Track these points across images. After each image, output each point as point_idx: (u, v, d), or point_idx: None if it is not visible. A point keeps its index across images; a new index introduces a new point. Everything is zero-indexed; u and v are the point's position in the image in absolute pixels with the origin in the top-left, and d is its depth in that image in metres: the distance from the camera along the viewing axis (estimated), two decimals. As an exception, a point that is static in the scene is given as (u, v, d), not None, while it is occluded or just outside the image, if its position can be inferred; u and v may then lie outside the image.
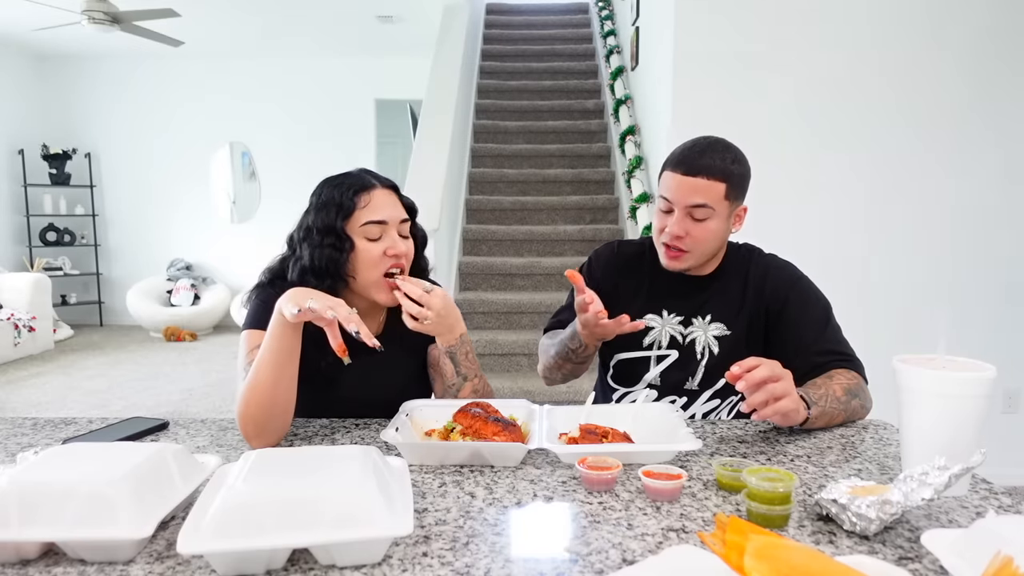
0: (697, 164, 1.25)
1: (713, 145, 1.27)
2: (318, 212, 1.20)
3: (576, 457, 0.93)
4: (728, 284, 1.37)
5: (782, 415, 1.04)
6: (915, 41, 2.75)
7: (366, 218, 1.18)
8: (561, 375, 1.43)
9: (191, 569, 0.69)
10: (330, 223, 1.17)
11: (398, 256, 1.19)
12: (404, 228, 1.23)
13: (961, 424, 0.84)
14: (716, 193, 1.25)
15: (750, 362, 1.03)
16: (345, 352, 1.03)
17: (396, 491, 0.76)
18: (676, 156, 1.28)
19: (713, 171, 1.24)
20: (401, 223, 1.22)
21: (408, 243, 1.23)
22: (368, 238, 1.18)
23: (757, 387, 1.02)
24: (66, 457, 0.79)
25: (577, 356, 1.34)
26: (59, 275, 6.52)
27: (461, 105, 4.16)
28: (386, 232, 1.19)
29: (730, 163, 1.26)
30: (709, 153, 1.25)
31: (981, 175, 2.81)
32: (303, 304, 1.01)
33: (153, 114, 6.87)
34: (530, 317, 3.58)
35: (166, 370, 4.99)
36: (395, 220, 1.20)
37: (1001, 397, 2.91)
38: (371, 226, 1.18)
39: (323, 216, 1.18)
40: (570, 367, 1.38)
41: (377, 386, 1.25)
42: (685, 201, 1.25)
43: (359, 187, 1.20)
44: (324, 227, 1.18)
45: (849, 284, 2.81)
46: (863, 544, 0.74)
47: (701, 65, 2.80)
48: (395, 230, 1.21)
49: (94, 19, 4.37)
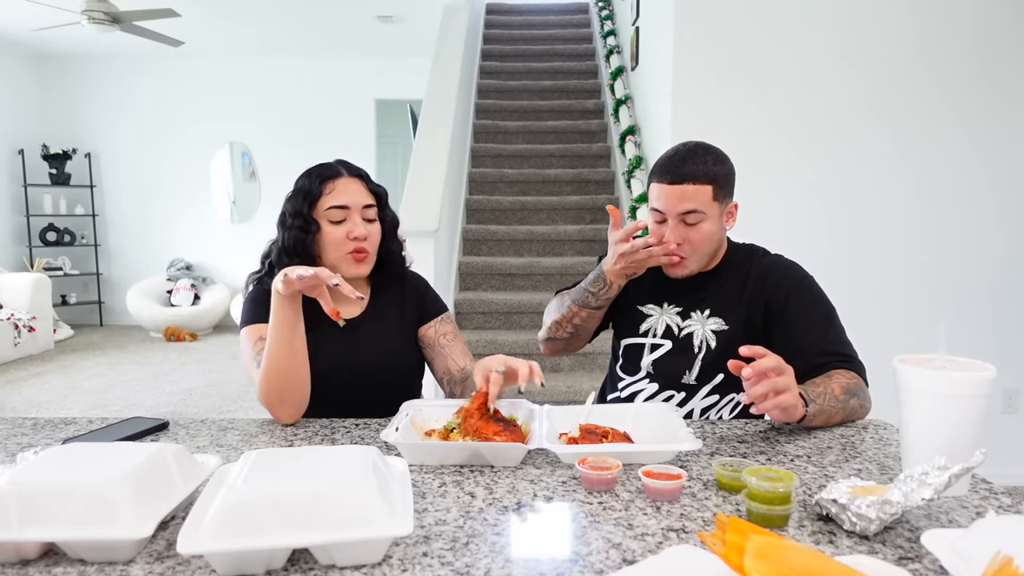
0: (681, 172, 1.28)
1: (694, 150, 1.30)
2: (292, 198, 1.33)
3: (576, 457, 0.93)
4: (728, 280, 1.38)
5: (782, 410, 1.04)
6: (915, 41, 2.75)
7: (330, 203, 1.29)
8: (571, 328, 1.43)
9: (191, 569, 0.69)
10: (299, 207, 1.30)
11: (359, 238, 1.29)
12: (368, 213, 1.32)
13: (961, 424, 0.84)
14: (704, 196, 1.28)
15: (760, 349, 1.03)
16: (338, 315, 1.12)
17: (396, 491, 0.76)
18: (660, 166, 1.32)
19: (698, 176, 1.27)
20: (364, 208, 1.31)
21: (372, 226, 1.33)
22: (331, 221, 1.29)
23: (760, 377, 1.01)
24: (66, 457, 0.79)
25: (597, 299, 1.36)
26: (59, 275, 6.52)
27: (461, 105, 4.16)
28: (349, 216, 1.30)
29: (712, 165, 1.29)
30: (691, 159, 1.28)
31: (981, 175, 2.81)
32: (289, 275, 1.11)
33: (153, 114, 6.87)
34: (530, 317, 3.58)
35: (166, 370, 4.99)
36: (357, 205, 1.30)
37: (1001, 397, 2.91)
38: (334, 210, 1.29)
39: (294, 202, 1.31)
40: (585, 314, 1.40)
41: (365, 358, 1.33)
42: (676, 209, 1.29)
43: (326, 175, 1.31)
44: (294, 211, 1.30)
45: (849, 284, 2.81)
46: (863, 544, 0.74)
47: (701, 65, 2.80)
48: (358, 214, 1.30)
49: (94, 19, 4.36)
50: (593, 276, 1.36)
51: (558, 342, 1.48)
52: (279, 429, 1.18)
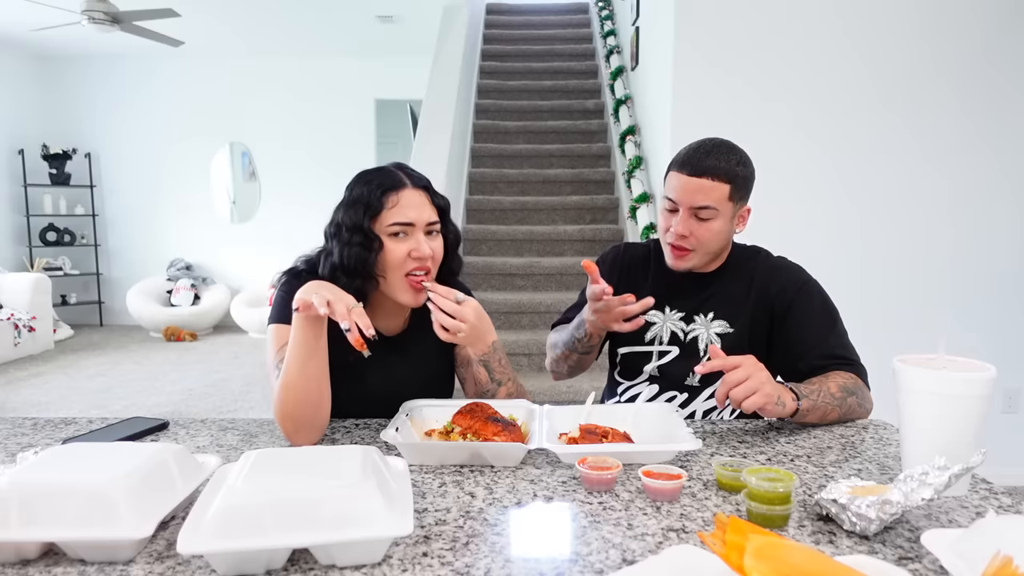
0: (702, 165, 1.26)
1: (719, 147, 1.29)
2: (348, 209, 1.18)
3: (576, 457, 0.93)
4: (732, 282, 1.37)
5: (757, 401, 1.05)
6: (916, 42, 2.75)
7: (393, 219, 1.15)
8: (568, 366, 1.46)
9: (191, 569, 0.69)
10: (358, 221, 1.16)
11: (423, 258, 1.16)
12: (433, 229, 1.20)
13: (961, 424, 0.84)
14: (720, 194, 1.26)
15: (732, 361, 1.07)
16: (363, 346, 1.01)
17: (396, 491, 0.76)
18: (682, 157, 1.30)
19: (718, 172, 1.26)
20: (428, 224, 1.19)
21: (436, 244, 1.20)
22: (391, 235, 1.16)
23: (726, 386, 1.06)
24: (66, 457, 0.79)
25: (583, 346, 1.37)
26: (59, 275, 6.52)
27: (461, 105, 4.16)
28: (412, 233, 1.17)
29: (735, 165, 1.28)
30: (715, 154, 1.27)
31: (981, 175, 2.81)
32: (307, 298, 1.02)
33: (153, 114, 6.87)
34: (530, 317, 3.58)
35: (166, 370, 4.99)
36: (422, 222, 1.17)
37: (1001, 397, 2.91)
38: (396, 227, 1.16)
39: (352, 214, 1.17)
40: (576, 357, 1.42)
41: (400, 381, 1.24)
42: (690, 202, 1.27)
43: (388, 186, 1.17)
44: (352, 225, 1.16)
45: (850, 283, 2.81)
46: (863, 544, 0.74)
47: (701, 65, 2.80)
48: (421, 231, 1.18)
49: (94, 19, 4.36)
50: (577, 323, 1.35)
51: (562, 374, 1.50)
52: (279, 429, 1.18)
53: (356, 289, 1.14)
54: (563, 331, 1.44)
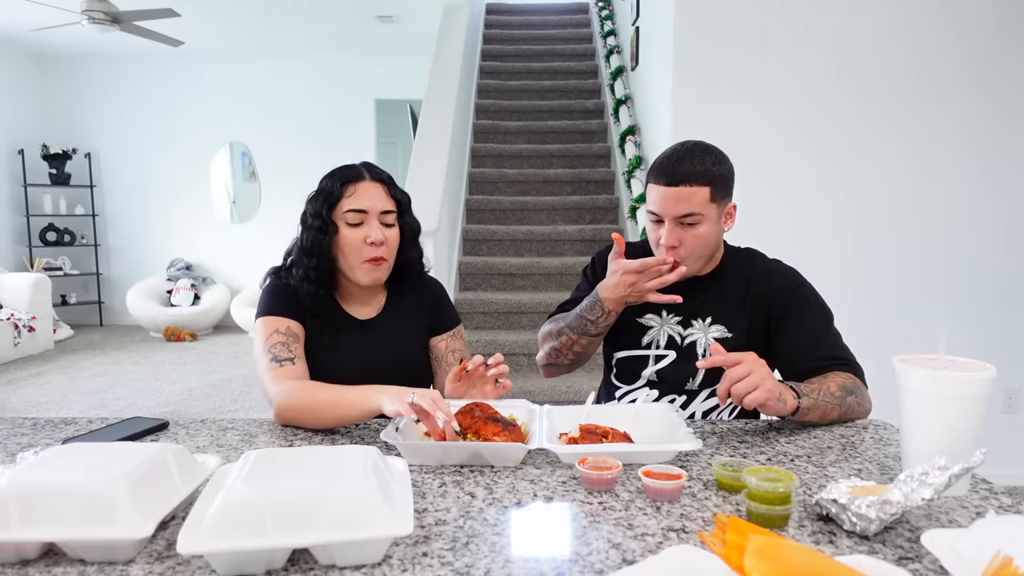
0: (679, 172, 1.25)
1: (692, 151, 1.27)
2: (313, 199, 1.33)
3: (576, 457, 0.93)
4: (728, 286, 1.37)
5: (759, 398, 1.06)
6: (915, 42, 2.75)
7: (348, 206, 1.29)
8: (573, 355, 1.40)
9: (191, 569, 0.69)
10: (318, 208, 1.30)
11: (376, 244, 1.29)
12: (387, 218, 1.32)
13: (961, 424, 0.84)
14: (702, 198, 1.25)
15: (733, 358, 1.08)
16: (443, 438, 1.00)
17: (396, 491, 0.76)
18: (657, 167, 1.29)
19: (695, 177, 1.24)
20: (383, 213, 1.30)
21: (390, 232, 1.32)
22: (349, 224, 1.29)
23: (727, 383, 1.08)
24: (66, 457, 0.79)
25: (596, 327, 1.33)
26: (59, 275, 6.52)
27: (461, 105, 4.16)
28: (367, 220, 1.29)
29: (711, 165, 1.26)
30: (688, 159, 1.26)
31: (980, 175, 2.81)
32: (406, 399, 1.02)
33: (153, 114, 6.87)
34: (530, 317, 3.58)
35: (166, 370, 4.99)
36: (375, 210, 1.30)
37: (1001, 397, 2.91)
38: (352, 213, 1.29)
39: (315, 202, 1.31)
40: (585, 342, 1.37)
41: (373, 362, 1.33)
42: (673, 212, 1.26)
43: (348, 178, 1.31)
44: (314, 212, 1.30)
45: (849, 284, 2.81)
46: (863, 544, 0.74)
47: (701, 65, 2.80)
48: (376, 219, 1.30)
49: (94, 19, 4.36)
50: (589, 303, 1.32)
51: (560, 368, 1.46)
52: (279, 429, 1.18)
53: (314, 268, 1.29)
54: (564, 318, 1.41)
